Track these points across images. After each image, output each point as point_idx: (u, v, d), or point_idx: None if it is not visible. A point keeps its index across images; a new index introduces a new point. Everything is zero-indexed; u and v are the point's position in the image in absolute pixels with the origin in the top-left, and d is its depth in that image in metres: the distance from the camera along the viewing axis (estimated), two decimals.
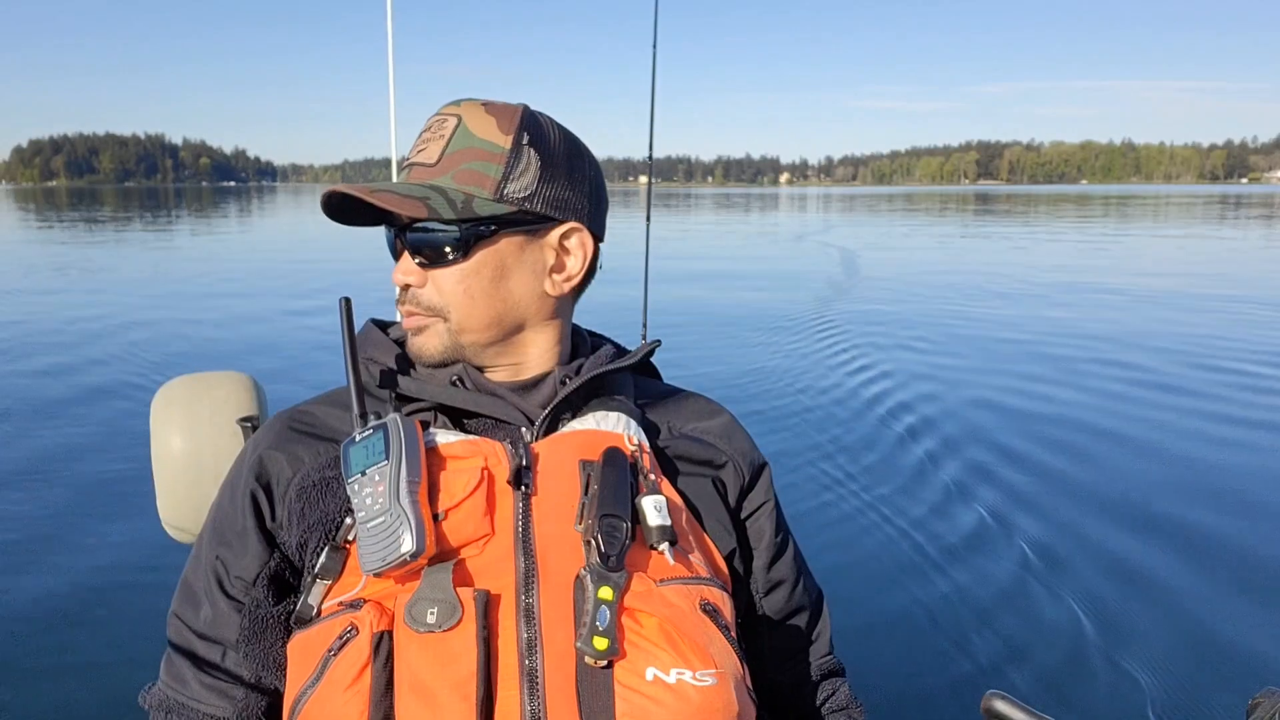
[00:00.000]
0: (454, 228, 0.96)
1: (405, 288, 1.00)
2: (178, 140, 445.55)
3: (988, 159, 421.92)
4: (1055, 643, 3.27)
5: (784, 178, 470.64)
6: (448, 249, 0.97)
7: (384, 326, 1.11)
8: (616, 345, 1.15)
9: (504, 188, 0.96)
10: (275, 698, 0.94)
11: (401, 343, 1.07)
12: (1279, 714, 0.70)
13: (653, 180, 3.51)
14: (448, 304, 0.99)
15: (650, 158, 3.42)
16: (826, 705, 1.11)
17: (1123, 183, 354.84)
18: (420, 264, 0.98)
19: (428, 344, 1.00)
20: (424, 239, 0.97)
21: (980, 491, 4.82)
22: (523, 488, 0.89)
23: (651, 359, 1.14)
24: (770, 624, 1.08)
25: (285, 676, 0.89)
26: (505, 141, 0.97)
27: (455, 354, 1.01)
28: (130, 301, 11.64)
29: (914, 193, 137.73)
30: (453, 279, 0.98)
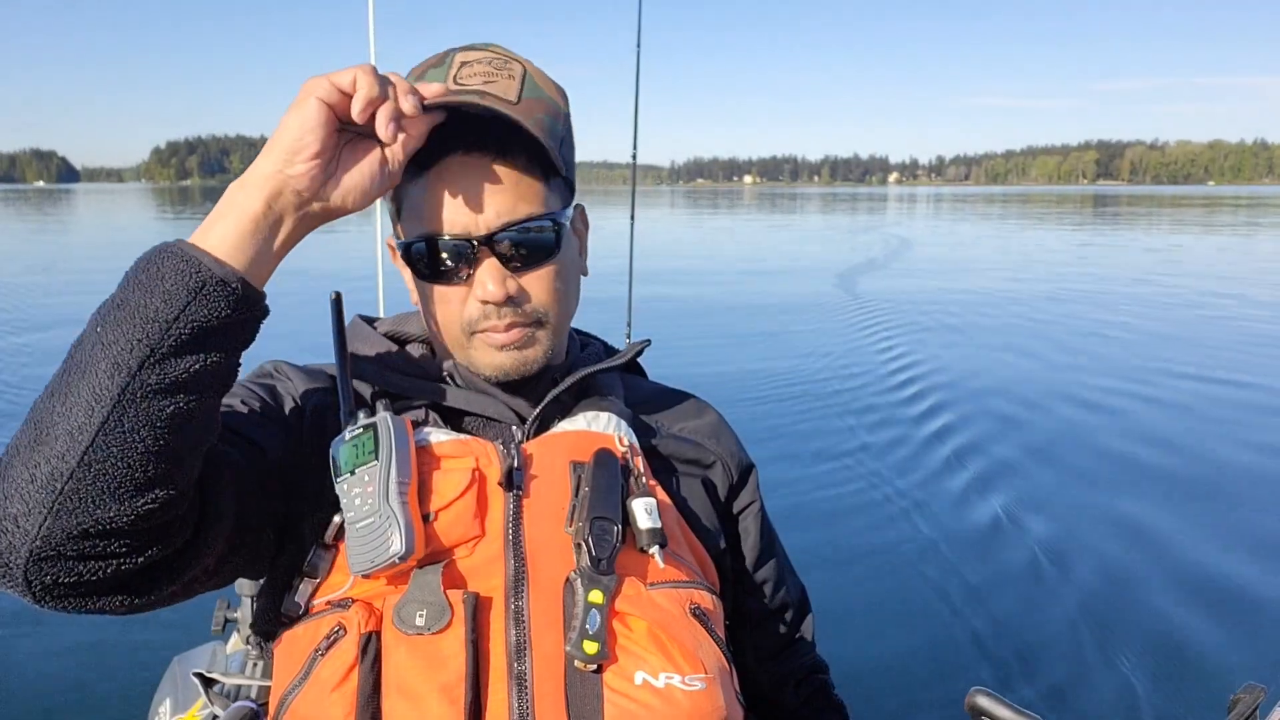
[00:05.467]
0: (548, 222, 0.92)
1: (504, 301, 0.91)
2: None
3: (1108, 159, 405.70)
4: (1041, 638, 3.28)
5: (893, 177, 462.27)
6: (546, 246, 0.93)
7: (370, 322, 1.08)
8: (604, 343, 1.16)
9: (563, 152, 0.93)
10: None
11: (393, 338, 1.06)
12: (1260, 708, 0.72)
13: (636, 181, 3.58)
14: (549, 308, 0.94)
15: (634, 157, 3.46)
16: (809, 703, 1.13)
17: (1253, 183, 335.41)
18: (514, 268, 0.91)
19: (533, 357, 0.95)
20: (523, 237, 0.91)
21: (973, 482, 4.88)
22: (514, 490, 0.88)
23: (639, 358, 1.14)
24: (754, 624, 1.10)
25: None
26: (563, 104, 0.95)
27: (548, 362, 0.97)
28: None
29: (1029, 193, 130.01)
30: (549, 279, 0.94)
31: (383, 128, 0.77)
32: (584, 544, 0.84)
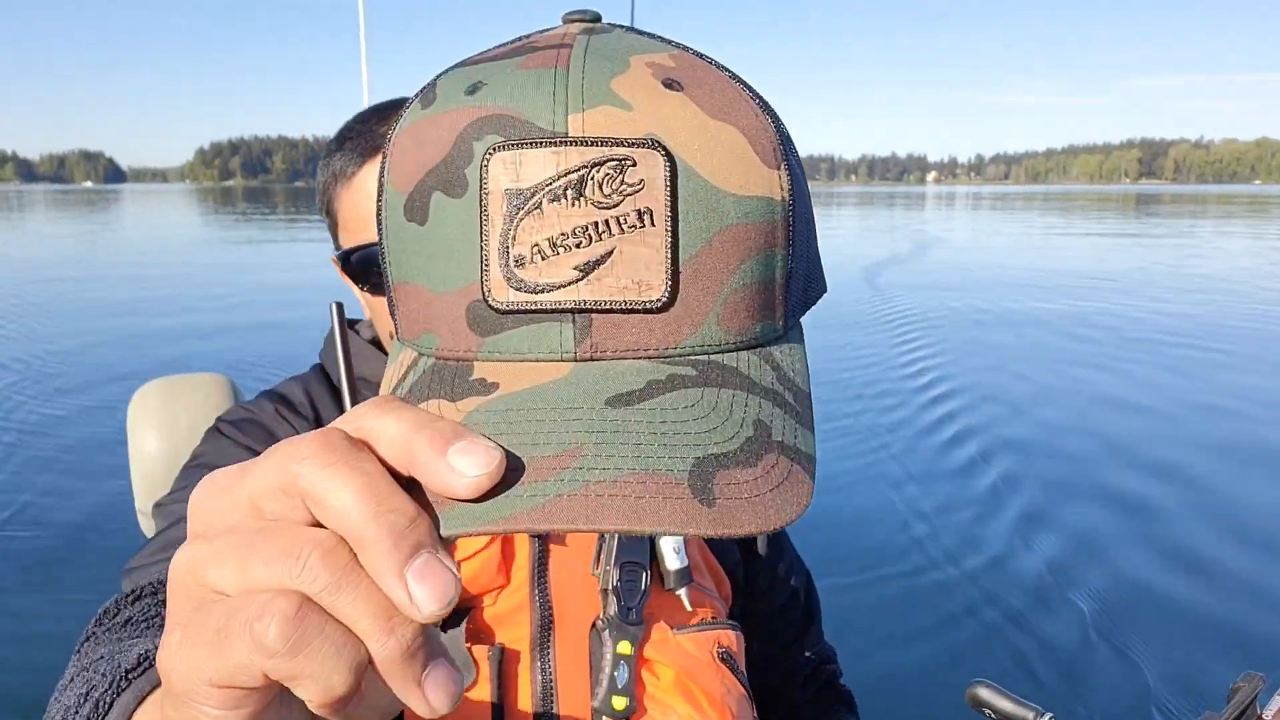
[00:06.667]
0: None
1: None
2: None
3: (1151, 157, 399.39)
4: (1042, 629, 3.30)
5: (931, 176, 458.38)
6: None
7: (352, 325, 0.99)
8: None
9: (788, 305, 0.42)
10: None
11: (379, 344, 0.98)
12: (1259, 696, 0.72)
13: None
14: None
15: None
16: (817, 696, 1.12)
17: None
18: None
19: None
20: None
21: (978, 472, 4.90)
22: (539, 535, 0.82)
23: None
24: (763, 623, 1.08)
25: None
26: (778, 186, 0.40)
27: None
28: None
29: (1070, 192, 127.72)
30: None
31: (418, 704, 0.32)
32: (612, 592, 0.80)
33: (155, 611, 0.71)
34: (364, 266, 0.85)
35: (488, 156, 0.37)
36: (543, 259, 0.36)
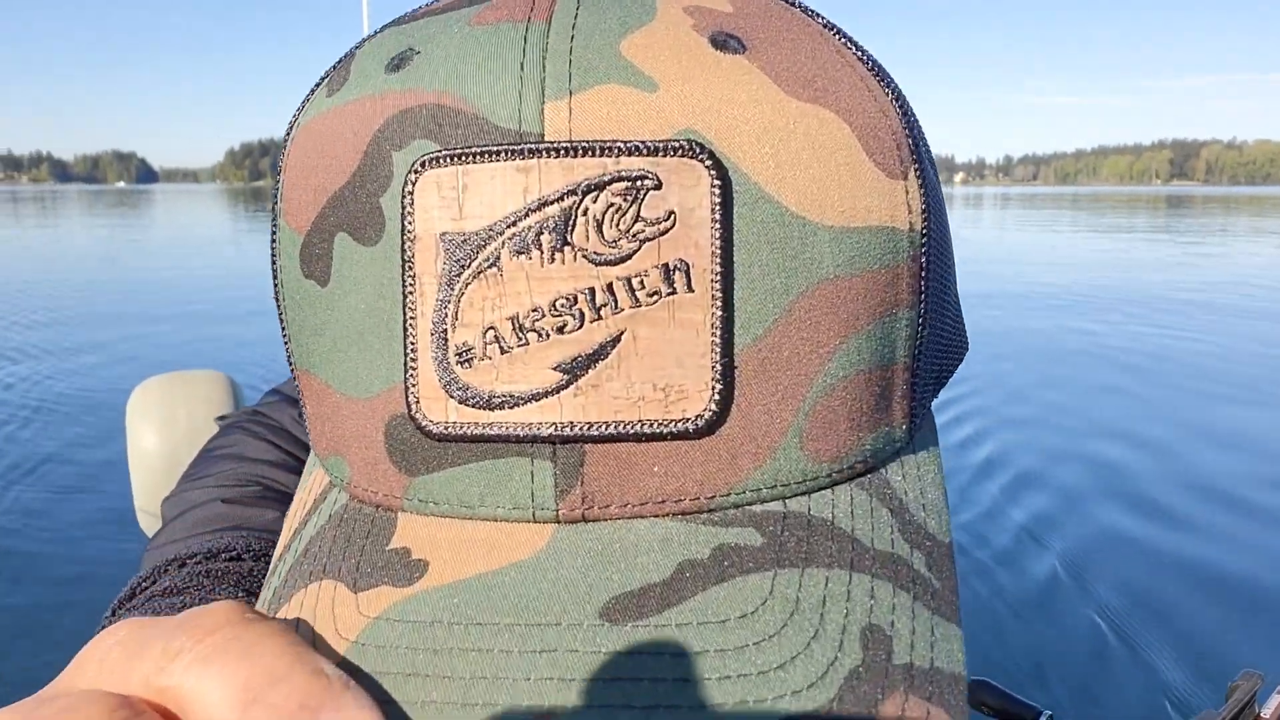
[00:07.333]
0: None
1: None
2: None
3: (1182, 158, 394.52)
4: (1040, 628, 3.26)
5: (959, 177, 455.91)
6: None
7: None
8: None
9: (914, 396, 0.26)
10: None
11: None
12: (1257, 694, 0.72)
13: None
14: None
15: None
16: None
17: None
18: None
19: None
20: None
21: (978, 464, 4.90)
22: None
23: None
24: None
25: None
26: (904, 206, 0.24)
27: None
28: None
29: (1098, 193, 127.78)
30: None
31: None
32: None
33: (196, 582, 0.58)
34: None
35: (413, 176, 0.22)
36: (502, 351, 0.22)
